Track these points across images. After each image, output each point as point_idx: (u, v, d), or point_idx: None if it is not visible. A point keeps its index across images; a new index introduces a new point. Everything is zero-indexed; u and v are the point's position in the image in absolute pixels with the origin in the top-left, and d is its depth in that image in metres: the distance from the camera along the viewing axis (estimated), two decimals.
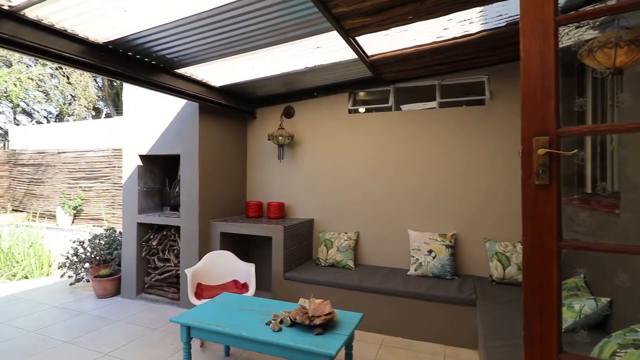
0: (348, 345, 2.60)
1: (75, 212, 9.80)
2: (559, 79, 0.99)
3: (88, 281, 4.78)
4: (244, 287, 3.52)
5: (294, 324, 2.38)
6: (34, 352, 3.09)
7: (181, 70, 3.51)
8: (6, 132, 18.61)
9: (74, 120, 16.23)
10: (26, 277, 5.48)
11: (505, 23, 2.90)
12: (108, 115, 17.85)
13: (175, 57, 3.21)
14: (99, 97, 16.91)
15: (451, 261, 3.60)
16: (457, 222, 3.82)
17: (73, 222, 9.79)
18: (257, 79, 3.91)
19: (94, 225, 8.78)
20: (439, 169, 3.90)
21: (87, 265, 4.70)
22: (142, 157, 4.40)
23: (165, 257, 4.31)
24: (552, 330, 1.00)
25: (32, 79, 13.78)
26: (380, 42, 3.10)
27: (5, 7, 2.20)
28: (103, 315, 3.89)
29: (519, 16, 1.05)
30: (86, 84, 15.12)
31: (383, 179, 4.13)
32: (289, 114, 4.56)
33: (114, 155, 9.45)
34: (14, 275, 5.43)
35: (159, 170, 4.67)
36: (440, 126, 3.91)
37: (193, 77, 3.69)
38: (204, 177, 4.07)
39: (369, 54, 3.38)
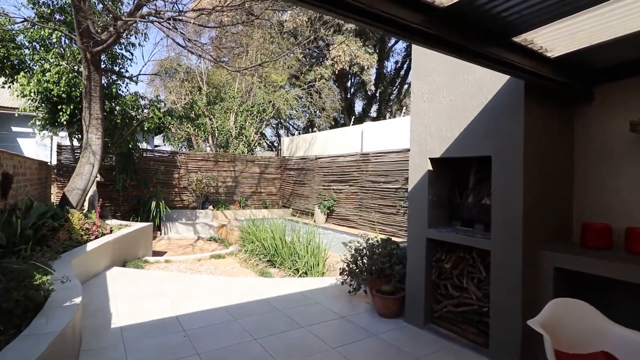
0: None
1: (328, 211, 10.77)
2: None
3: (365, 292, 4.54)
4: None
5: None
6: None
7: (518, 38, 2.52)
8: (272, 143, 23.63)
9: (319, 130, 18.61)
10: (305, 274, 5.90)
11: None
12: (342, 125, 19.74)
13: (519, 16, 2.23)
14: (337, 109, 18.78)
15: None
16: None
17: (326, 220, 10.79)
18: (626, 34, 2.47)
19: (348, 226, 9.25)
20: None
21: (364, 275, 4.45)
22: (433, 160, 3.71)
23: (463, 285, 3.45)
24: None
25: (295, 99, 16.61)
26: None
27: None
28: (395, 344, 3.37)
29: None
30: (334, 96, 17.04)
31: None
32: None
33: (362, 160, 9.76)
34: (297, 270, 5.94)
35: (447, 176, 3.88)
36: None
37: (529, 46, 2.63)
38: (529, 186, 2.95)
39: None
